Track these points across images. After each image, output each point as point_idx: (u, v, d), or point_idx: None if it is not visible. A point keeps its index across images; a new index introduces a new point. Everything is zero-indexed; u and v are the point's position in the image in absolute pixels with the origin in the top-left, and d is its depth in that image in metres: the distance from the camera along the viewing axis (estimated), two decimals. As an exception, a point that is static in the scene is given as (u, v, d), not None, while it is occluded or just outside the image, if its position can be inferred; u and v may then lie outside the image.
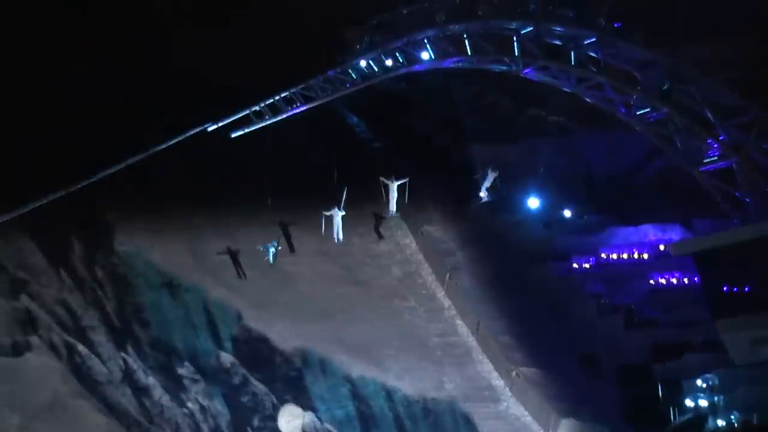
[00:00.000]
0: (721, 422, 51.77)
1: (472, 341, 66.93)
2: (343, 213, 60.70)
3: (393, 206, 61.66)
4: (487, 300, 69.93)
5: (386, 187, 61.52)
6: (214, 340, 67.62)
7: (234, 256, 62.15)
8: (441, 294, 69.18)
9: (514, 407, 63.23)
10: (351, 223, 69.74)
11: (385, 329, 67.55)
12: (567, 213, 76.04)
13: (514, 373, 64.39)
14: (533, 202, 74.72)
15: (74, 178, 54.44)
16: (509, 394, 63.85)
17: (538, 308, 69.62)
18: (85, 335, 66.66)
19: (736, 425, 51.09)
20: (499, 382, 64.48)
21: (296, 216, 64.18)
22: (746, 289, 51.91)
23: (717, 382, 53.86)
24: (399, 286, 69.76)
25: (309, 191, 68.60)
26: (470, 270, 71.71)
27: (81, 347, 65.43)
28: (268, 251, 60.44)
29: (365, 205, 70.13)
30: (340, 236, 61.39)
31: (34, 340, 63.66)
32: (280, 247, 60.49)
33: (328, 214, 60.21)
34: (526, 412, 62.77)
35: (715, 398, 53.23)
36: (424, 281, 70.07)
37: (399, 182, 61.01)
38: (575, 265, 72.69)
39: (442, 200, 75.93)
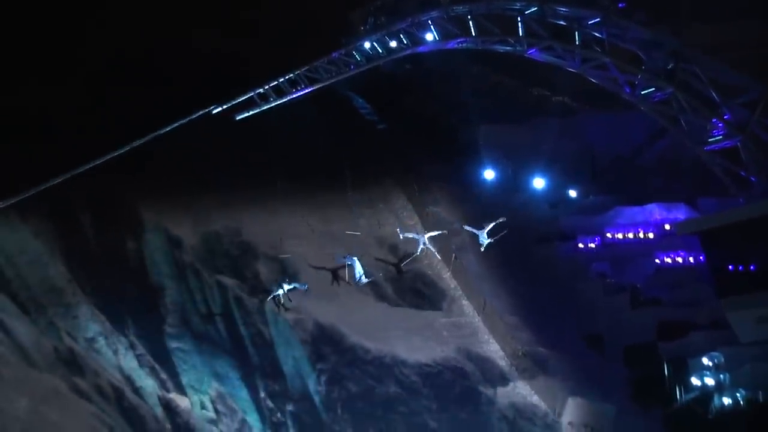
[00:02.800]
0: (726, 400, 52.16)
1: (478, 321, 67.05)
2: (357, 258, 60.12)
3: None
4: (492, 280, 69.99)
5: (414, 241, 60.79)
6: (227, 316, 68.06)
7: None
8: (447, 274, 69.23)
9: (520, 386, 63.43)
10: (354, 206, 70.30)
11: (391, 311, 67.68)
12: (572, 193, 75.89)
13: (520, 353, 64.59)
14: (539, 182, 74.81)
15: (79, 161, 54.68)
16: (515, 373, 64.03)
17: (543, 288, 69.62)
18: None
19: (741, 403, 51.44)
20: (505, 361, 64.62)
21: (302, 197, 64.42)
22: (752, 267, 52.09)
23: (722, 360, 54.22)
24: (404, 266, 69.70)
25: (315, 173, 68.94)
26: (476, 250, 71.54)
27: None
28: (279, 287, 60.10)
29: (372, 188, 70.47)
30: (363, 280, 61.01)
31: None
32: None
33: (348, 263, 59.79)
34: (533, 391, 63.00)
35: (721, 376, 53.61)
36: (429, 262, 69.99)
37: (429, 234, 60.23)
38: (581, 245, 72.67)
39: (447, 181, 75.83)
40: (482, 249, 57.57)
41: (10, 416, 56.30)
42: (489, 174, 75.14)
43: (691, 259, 68.62)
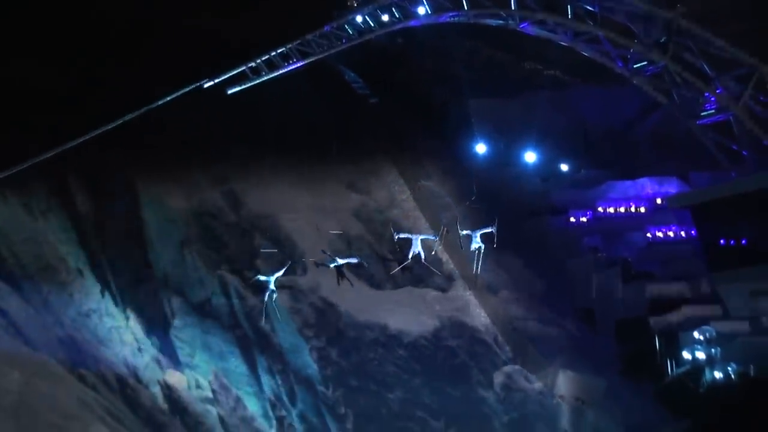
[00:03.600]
0: (718, 374, 52.23)
1: (469, 295, 67.09)
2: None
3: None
4: (484, 254, 69.80)
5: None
6: (222, 292, 68.04)
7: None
8: (438, 249, 69.11)
9: (512, 360, 63.58)
10: (346, 180, 70.07)
11: (384, 286, 67.71)
12: (564, 167, 75.86)
13: (511, 327, 64.66)
14: (530, 156, 74.61)
15: (72, 134, 54.46)
16: (507, 347, 64.13)
17: (535, 262, 69.63)
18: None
19: (733, 377, 51.57)
20: (497, 336, 64.69)
21: (295, 171, 64.30)
22: (743, 241, 52.29)
23: (714, 334, 54.25)
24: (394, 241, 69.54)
25: (307, 147, 68.73)
26: (467, 224, 71.56)
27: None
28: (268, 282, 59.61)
29: (362, 162, 70.26)
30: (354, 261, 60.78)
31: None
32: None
33: (332, 266, 59.74)
34: (524, 366, 63.14)
35: (712, 350, 53.64)
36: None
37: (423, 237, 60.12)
38: (572, 219, 72.68)
39: (439, 155, 75.68)
40: (473, 250, 57.03)
41: (3, 390, 56.28)
42: (481, 148, 74.88)
43: (683, 233, 68.62)
